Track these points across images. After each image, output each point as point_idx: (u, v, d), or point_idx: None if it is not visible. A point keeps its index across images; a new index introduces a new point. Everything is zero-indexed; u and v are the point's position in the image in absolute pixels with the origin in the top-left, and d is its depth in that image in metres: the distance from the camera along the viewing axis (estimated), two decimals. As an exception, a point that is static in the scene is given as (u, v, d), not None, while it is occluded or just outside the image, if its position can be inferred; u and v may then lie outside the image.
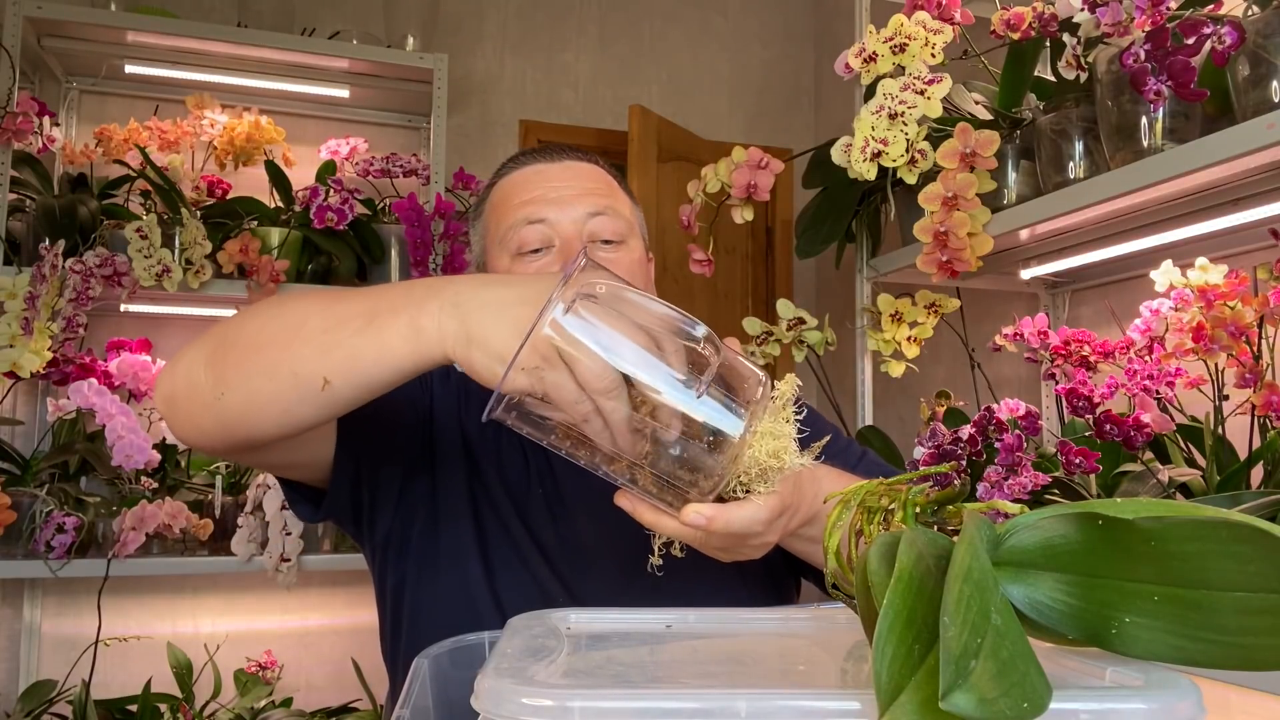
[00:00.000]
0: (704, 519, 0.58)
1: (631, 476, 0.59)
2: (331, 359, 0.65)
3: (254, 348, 0.68)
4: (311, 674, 2.34)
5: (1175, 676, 0.40)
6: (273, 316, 0.70)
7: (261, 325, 0.70)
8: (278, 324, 0.69)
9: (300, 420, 0.69)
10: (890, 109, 1.45)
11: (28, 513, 1.82)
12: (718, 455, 0.56)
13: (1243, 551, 0.35)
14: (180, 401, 0.72)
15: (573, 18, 2.88)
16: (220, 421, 0.70)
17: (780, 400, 0.59)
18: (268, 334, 0.68)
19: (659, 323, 0.57)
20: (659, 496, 0.59)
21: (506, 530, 0.92)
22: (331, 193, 2.03)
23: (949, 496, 0.49)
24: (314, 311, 0.67)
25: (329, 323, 0.66)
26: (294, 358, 0.66)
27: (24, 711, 1.92)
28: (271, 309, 0.71)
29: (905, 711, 0.31)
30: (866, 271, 1.85)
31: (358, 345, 0.64)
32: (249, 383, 0.68)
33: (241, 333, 0.70)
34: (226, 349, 0.70)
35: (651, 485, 0.59)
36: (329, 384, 0.65)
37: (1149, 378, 1.26)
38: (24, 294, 1.83)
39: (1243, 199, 1.28)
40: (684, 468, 0.57)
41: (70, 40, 2.17)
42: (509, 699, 0.38)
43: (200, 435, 0.73)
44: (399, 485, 0.93)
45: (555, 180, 0.94)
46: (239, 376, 0.68)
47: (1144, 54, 1.11)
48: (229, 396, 0.69)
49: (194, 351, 0.72)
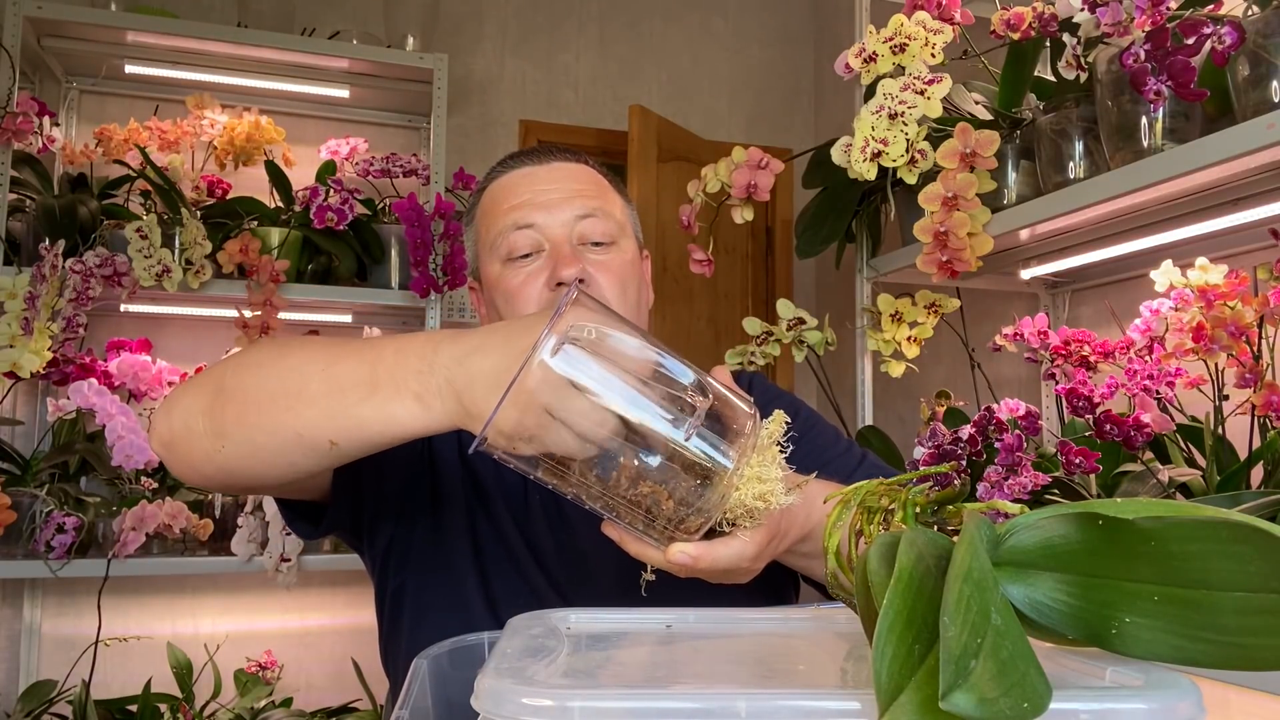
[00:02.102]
0: (689, 558, 0.58)
1: (617, 513, 0.58)
2: (336, 424, 0.65)
3: (254, 404, 0.68)
4: (311, 674, 2.34)
5: (1175, 676, 0.39)
6: (270, 374, 0.69)
7: (260, 381, 0.69)
8: (276, 382, 0.68)
9: (305, 472, 0.70)
10: (890, 109, 1.45)
11: (28, 513, 1.82)
12: (705, 496, 0.56)
13: (1243, 551, 0.35)
14: (179, 447, 0.72)
15: (573, 18, 2.88)
16: (222, 469, 0.70)
17: (769, 439, 0.58)
18: (267, 392, 0.68)
19: (647, 364, 0.56)
20: (644, 532, 0.59)
21: (503, 538, 0.92)
22: (331, 193, 2.03)
23: (949, 496, 0.49)
24: (313, 374, 0.67)
25: (329, 387, 0.66)
26: (297, 420, 0.66)
27: (24, 711, 1.92)
28: (267, 362, 0.70)
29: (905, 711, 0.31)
30: (866, 271, 1.85)
31: (362, 415, 0.64)
32: (252, 439, 0.68)
33: (240, 385, 0.69)
34: (225, 401, 0.69)
35: (638, 522, 0.58)
36: (335, 445, 0.66)
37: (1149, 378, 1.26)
38: (24, 294, 1.83)
39: (1243, 199, 1.28)
40: (670, 507, 0.57)
41: (70, 40, 2.17)
42: (509, 699, 0.38)
43: (201, 479, 0.73)
44: (399, 496, 0.92)
45: (543, 183, 0.93)
46: (240, 431, 0.68)
47: (1144, 54, 1.11)
48: (230, 450, 0.69)
49: (189, 398, 0.72)
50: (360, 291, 2.18)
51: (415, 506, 0.93)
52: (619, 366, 0.55)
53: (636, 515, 0.58)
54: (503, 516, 0.93)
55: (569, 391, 0.53)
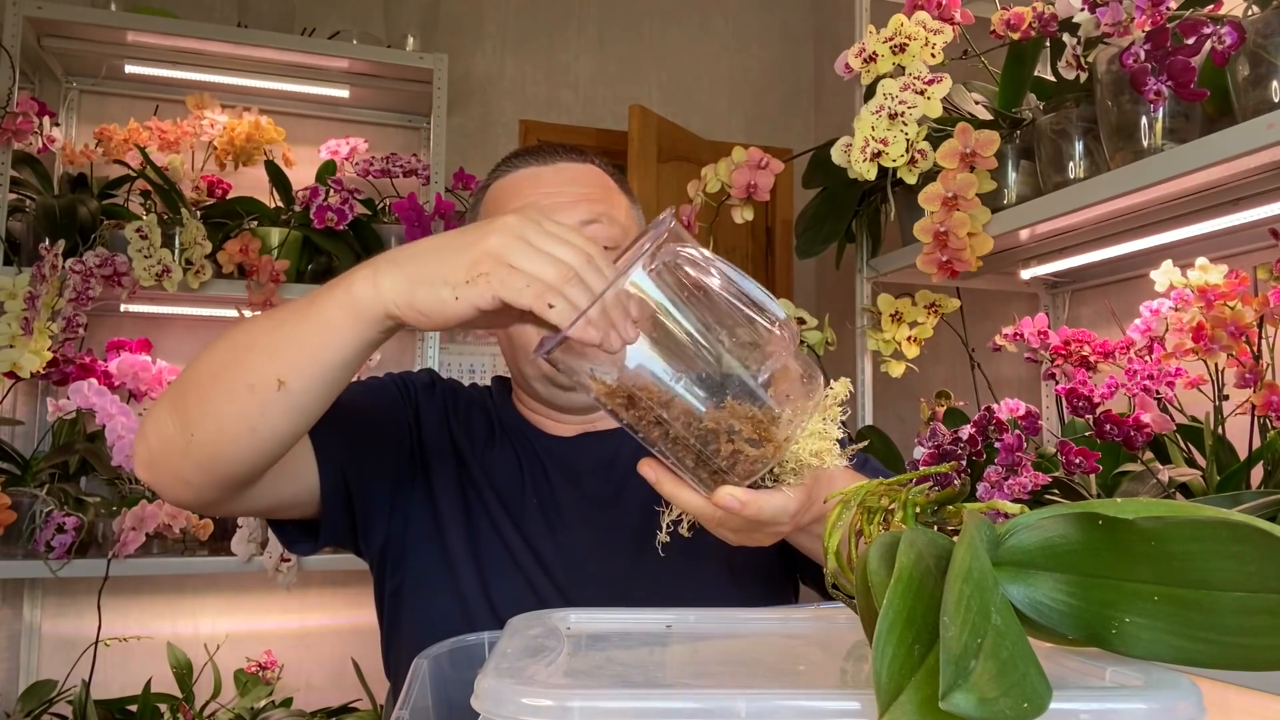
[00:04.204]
0: (738, 503, 0.57)
1: (668, 447, 0.57)
2: (280, 357, 0.65)
3: (209, 378, 0.68)
4: (311, 674, 2.34)
5: (1175, 676, 0.39)
6: (217, 348, 0.70)
7: (211, 356, 0.70)
8: (226, 349, 0.69)
9: (272, 433, 0.68)
10: (890, 109, 1.45)
11: (28, 513, 1.82)
12: (765, 445, 0.56)
13: (1243, 551, 0.35)
14: (158, 459, 0.72)
15: (573, 18, 2.88)
16: (198, 464, 0.70)
17: (833, 400, 0.58)
18: (217, 361, 0.69)
19: (738, 299, 0.57)
20: (692, 472, 0.58)
21: (501, 538, 0.92)
22: (331, 193, 2.03)
23: (949, 496, 0.49)
24: (258, 324, 0.68)
25: (272, 324, 0.67)
26: (246, 370, 0.66)
27: (24, 711, 1.92)
28: (219, 341, 0.71)
29: (905, 711, 0.31)
30: (866, 271, 1.85)
31: (300, 333, 0.64)
32: (213, 412, 0.67)
33: (196, 371, 0.70)
34: (185, 391, 0.70)
35: (689, 459, 0.57)
36: (284, 384, 0.64)
37: (1149, 378, 1.26)
38: (24, 294, 1.83)
39: (1243, 199, 1.28)
40: (727, 449, 0.56)
41: (70, 40, 2.17)
42: (509, 699, 0.38)
43: (186, 487, 0.73)
44: (389, 497, 0.92)
45: (548, 186, 0.93)
46: (201, 410, 0.68)
47: (1144, 54, 1.11)
48: (198, 434, 0.68)
49: (157, 410, 0.72)
50: (360, 291, 2.18)
51: (408, 506, 0.93)
52: (711, 293, 0.56)
53: (688, 452, 0.57)
54: (500, 516, 0.92)
55: (656, 309, 0.55)
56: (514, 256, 0.58)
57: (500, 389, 1.05)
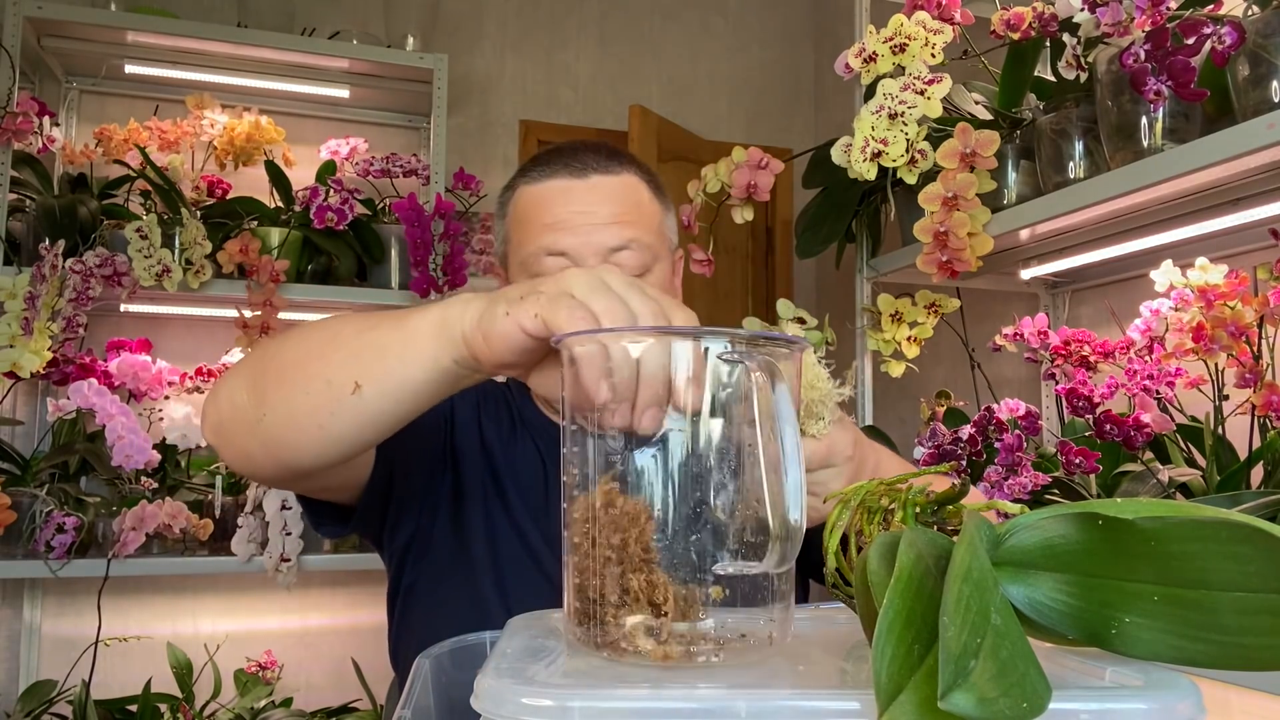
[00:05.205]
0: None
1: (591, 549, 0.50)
2: (361, 360, 0.64)
3: (292, 363, 0.68)
4: (311, 674, 2.34)
5: (1175, 676, 0.39)
6: (309, 334, 0.69)
7: (298, 342, 0.69)
8: (314, 338, 0.68)
9: (339, 434, 0.66)
10: (890, 109, 1.45)
11: (28, 513, 1.82)
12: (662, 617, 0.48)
13: (1243, 551, 0.35)
14: (227, 427, 0.72)
15: (573, 18, 2.88)
16: (263, 444, 0.70)
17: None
18: (304, 349, 0.68)
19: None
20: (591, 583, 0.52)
21: (522, 536, 0.92)
22: (331, 193, 2.03)
23: (949, 496, 0.49)
24: (350, 322, 0.67)
25: (363, 326, 0.65)
26: (327, 365, 0.65)
27: (24, 711, 1.92)
28: (310, 328, 0.70)
29: (905, 711, 0.31)
30: (866, 271, 1.85)
31: (385, 340, 0.63)
32: (289, 400, 0.67)
33: (281, 351, 0.70)
34: (266, 368, 0.70)
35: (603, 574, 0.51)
36: (360, 388, 0.63)
37: (1149, 378, 1.27)
38: (24, 294, 1.83)
39: (1243, 199, 1.28)
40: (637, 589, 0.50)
41: (70, 40, 2.17)
42: (509, 699, 0.38)
43: (248, 462, 0.73)
44: (422, 492, 0.93)
45: (579, 204, 0.91)
46: (278, 395, 0.67)
47: (1144, 54, 1.11)
48: (269, 417, 0.68)
49: (235, 377, 0.72)
50: (360, 291, 2.18)
51: (437, 501, 0.94)
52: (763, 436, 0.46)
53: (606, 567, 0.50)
54: (521, 514, 0.93)
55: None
56: (578, 287, 0.54)
57: (519, 384, 1.05)
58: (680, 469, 0.47)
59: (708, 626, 0.46)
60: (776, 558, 0.44)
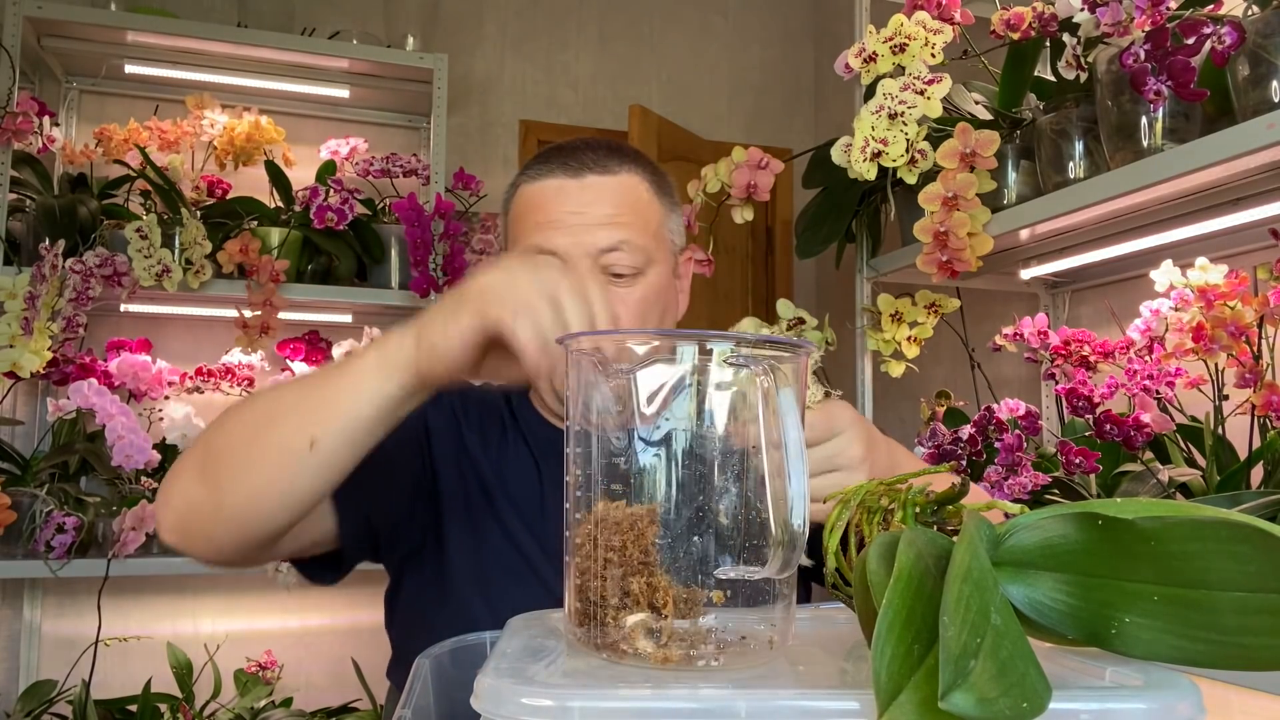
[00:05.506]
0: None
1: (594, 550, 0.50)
2: (311, 415, 0.66)
3: (241, 442, 0.69)
4: (311, 674, 2.34)
5: (1175, 676, 0.39)
6: (246, 413, 0.71)
7: (238, 421, 0.71)
8: (252, 413, 0.70)
9: (302, 494, 0.68)
10: (890, 109, 1.45)
11: (28, 513, 1.82)
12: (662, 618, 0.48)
13: (1243, 551, 0.35)
14: (188, 524, 0.73)
15: (573, 18, 2.88)
16: (229, 528, 0.70)
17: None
18: (247, 425, 0.70)
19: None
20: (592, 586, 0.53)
21: (515, 543, 0.91)
22: (331, 193, 2.03)
23: (949, 496, 0.49)
24: (286, 390, 0.70)
25: (302, 389, 0.68)
26: (277, 433, 0.67)
27: (24, 711, 1.92)
28: (243, 406, 0.73)
29: (904, 711, 0.31)
30: (866, 271, 1.85)
31: (330, 391, 0.66)
32: (244, 478, 0.68)
33: (221, 436, 0.71)
34: (213, 458, 0.70)
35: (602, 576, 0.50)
36: (316, 442, 0.65)
37: (1149, 378, 1.27)
38: (24, 294, 1.83)
39: (1243, 199, 1.28)
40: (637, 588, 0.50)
41: (70, 40, 2.17)
42: (509, 699, 0.38)
43: (217, 550, 0.73)
44: (407, 514, 0.92)
45: (572, 205, 0.90)
46: (231, 477, 0.69)
47: (1144, 54, 1.11)
48: (228, 499, 0.69)
49: (182, 477, 0.73)
50: (360, 291, 2.18)
51: (426, 518, 0.93)
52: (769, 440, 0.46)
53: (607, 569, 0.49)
54: (513, 519, 0.92)
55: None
56: (495, 285, 0.61)
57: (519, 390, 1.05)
58: (683, 472, 0.47)
59: (708, 629, 0.46)
60: (779, 563, 0.45)
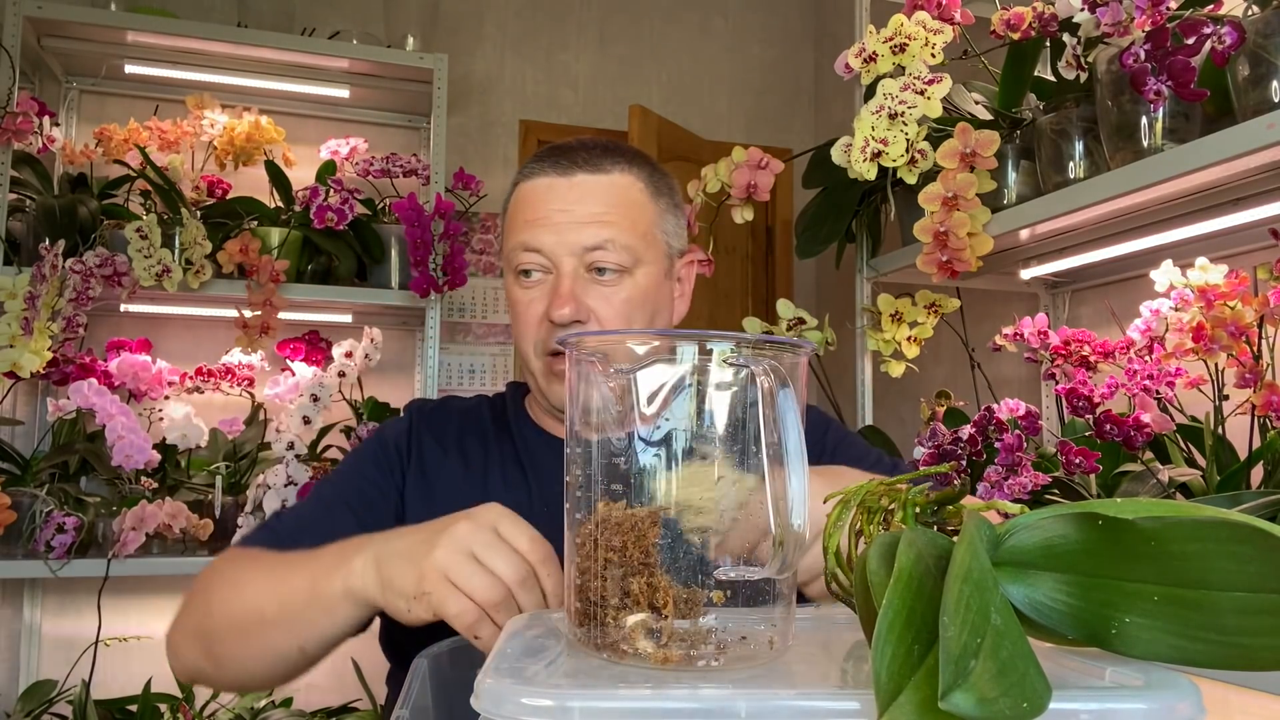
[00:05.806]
0: None
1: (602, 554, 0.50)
2: (298, 634, 0.76)
3: (235, 635, 0.79)
4: (311, 674, 2.33)
5: (1175, 676, 0.39)
6: (236, 597, 0.80)
7: (229, 620, 0.80)
8: (241, 604, 0.79)
9: (293, 676, 0.82)
10: (890, 109, 1.45)
11: (28, 513, 1.82)
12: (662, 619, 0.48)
13: (1243, 551, 0.35)
14: (196, 680, 0.87)
15: (573, 18, 2.88)
16: (231, 689, 0.88)
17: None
18: (237, 627, 0.79)
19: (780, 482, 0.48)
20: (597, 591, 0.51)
21: None
22: (331, 193, 2.03)
23: (949, 496, 0.49)
24: (267, 600, 0.77)
25: (281, 608, 0.76)
26: (267, 643, 0.78)
27: (24, 711, 1.92)
28: (235, 583, 0.82)
29: (904, 712, 0.31)
30: (866, 271, 1.85)
31: (310, 616, 0.75)
32: (243, 666, 0.81)
33: (217, 616, 0.81)
34: (211, 636, 0.81)
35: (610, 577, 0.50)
36: (304, 650, 0.77)
37: (1149, 378, 1.27)
38: (24, 294, 1.83)
39: (1243, 199, 1.28)
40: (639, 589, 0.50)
41: (70, 40, 2.17)
42: (509, 699, 0.38)
43: (235, 689, 0.90)
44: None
45: (559, 202, 0.91)
46: (231, 660, 0.81)
47: (1144, 54, 1.11)
48: (229, 676, 0.83)
49: (186, 638, 0.84)
50: (360, 291, 2.18)
51: None
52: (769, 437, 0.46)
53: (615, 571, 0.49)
54: None
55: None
56: (455, 573, 0.64)
57: (514, 393, 1.06)
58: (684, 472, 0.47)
59: (708, 629, 0.46)
60: (779, 563, 0.45)
